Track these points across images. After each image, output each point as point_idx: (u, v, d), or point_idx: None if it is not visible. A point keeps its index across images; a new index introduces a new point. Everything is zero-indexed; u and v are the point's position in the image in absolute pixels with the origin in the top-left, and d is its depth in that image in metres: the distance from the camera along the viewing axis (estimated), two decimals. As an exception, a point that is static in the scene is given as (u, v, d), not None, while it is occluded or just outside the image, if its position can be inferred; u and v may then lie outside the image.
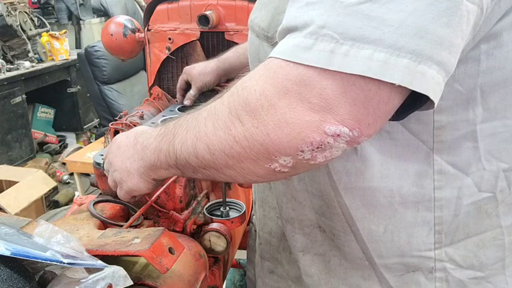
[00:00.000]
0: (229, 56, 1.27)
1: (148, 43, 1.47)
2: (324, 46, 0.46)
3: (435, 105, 0.48)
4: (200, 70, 1.29)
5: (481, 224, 0.67)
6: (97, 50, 3.27)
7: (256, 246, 0.93)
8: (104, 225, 0.81)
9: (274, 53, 0.50)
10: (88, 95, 3.74)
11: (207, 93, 1.43)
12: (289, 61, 0.48)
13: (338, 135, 0.47)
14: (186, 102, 1.31)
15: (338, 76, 0.46)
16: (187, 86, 1.33)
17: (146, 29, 1.47)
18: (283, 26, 0.51)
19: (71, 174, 3.18)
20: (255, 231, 0.96)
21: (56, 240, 0.60)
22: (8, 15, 3.61)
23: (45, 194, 2.90)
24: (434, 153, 0.63)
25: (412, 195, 0.65)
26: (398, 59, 0.45)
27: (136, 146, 0.70)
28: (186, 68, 1.32)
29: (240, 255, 1.42)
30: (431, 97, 0.46)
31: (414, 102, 0.49)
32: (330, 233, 0.74)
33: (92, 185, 1.02)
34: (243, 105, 0.51)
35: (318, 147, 0.48)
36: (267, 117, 0.49)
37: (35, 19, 4.05)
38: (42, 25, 4.15)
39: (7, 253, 0.52)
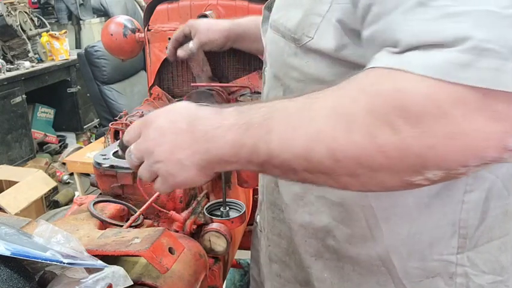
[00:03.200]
0: (244, 22, 1.16)
1: (148, 43, 1.47)
2: (488, 63, 0.41)
3: None
4: (209, 26, 1.17)
5: (504, 227, 0.65)
6: (97, 50, 3.26)
7: (264, 247, 0.91)
8: (104, 225, 0.81)
9: (415, 67, 0.44)
10: (88, 95, 3.73)
11: (205, 93, 1.43)
12: (442, 80, 0.42)
13: None
14: (180, 53, 1.18)
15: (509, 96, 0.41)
16: (185, 40, 1.20)
17: (146, 29, 1.47)
18: (407, 43, 0.45)
19: (71, 174, 3.18)
20: (260, 231, 0.94)
21: (56, 240, 0.60)
22: (8, 15, 3.61)
23: (45, 194, 2.90)
24: None
25: (441, 197, 0.63)
26: None
27: (195, 135, 0.58)
28: (191, 21, 1.20)
29: (240, 255, 1.42)
30: None
31: None
32: (345, 241, 0.72)
33: (92, 185, 1.02)
34: (397, 110, 0.44)
35: (486, 163, 0.44)
36: (436, 127, 0.42)
37: (35, 19, 4.04)
38: (42, 25, 4.15)
39: (7, 253, 0.52)
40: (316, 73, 0.65)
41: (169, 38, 1.44)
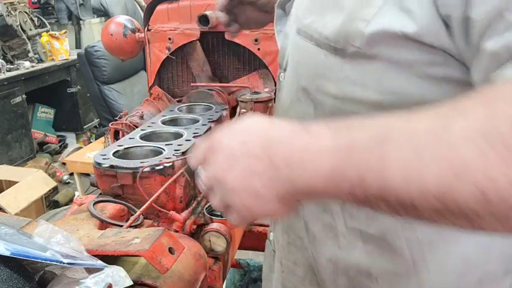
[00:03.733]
0: None
1: (148, 43, 1.48)
2: None
3: None
4: None
5: None
6: (97, 50, 3.27)
7: (278, 272, 0.85)
8: (104, 225, 0.81)
9: None
10: (88, 95, 3.74)
11: (205, 93, 1.43)
12: None
13: None
14: None
15: None
16: None
17: (146, 29, 1.47)
18: None
19: (71, 174, 3.18)
20: (274, 251, 0.87)
21: (56, 240, 0.60)
22: (8, 15, 3.62)
23: (45, 194, 2.90)
24: None
25: None
26: None
27: (274, 161, 0.46)
28: None
29: (240, 255, 1.42)
30: None
31: None
32: (383, 280, 0.65)
33: (92, 185, 1.02)
34: None
35: None
36: None
37: (35, 19, 4.05)
38: (42, 25, 4.15)
39: (7, 253, 0.52)
40: (357, 89, 0.56)
41: (169, 38, 1.45)
